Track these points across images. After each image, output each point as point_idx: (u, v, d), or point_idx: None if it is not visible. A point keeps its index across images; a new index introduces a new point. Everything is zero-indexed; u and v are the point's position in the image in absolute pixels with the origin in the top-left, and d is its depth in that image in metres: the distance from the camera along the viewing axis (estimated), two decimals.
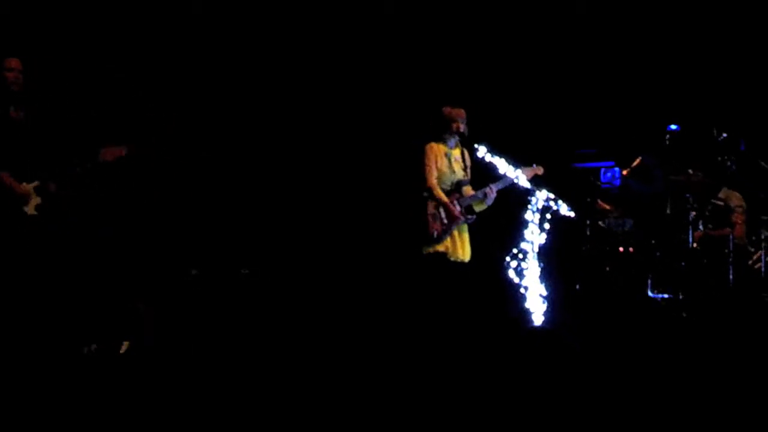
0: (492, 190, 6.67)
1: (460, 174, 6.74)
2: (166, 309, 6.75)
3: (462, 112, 6.76)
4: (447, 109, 6.77)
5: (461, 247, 6.64)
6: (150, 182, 7.26)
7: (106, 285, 6.77)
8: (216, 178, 7.73)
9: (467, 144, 6.83)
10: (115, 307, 6.59)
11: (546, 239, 7.18)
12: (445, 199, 6.61)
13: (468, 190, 6.76)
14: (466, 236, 6.70)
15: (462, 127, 6.71)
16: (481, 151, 6.85)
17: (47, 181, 5.56)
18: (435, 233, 6.55)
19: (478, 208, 6.72)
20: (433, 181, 6.65)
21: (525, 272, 7.09)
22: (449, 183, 6.70)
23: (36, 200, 5.50)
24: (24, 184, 5.51)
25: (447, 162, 6.75)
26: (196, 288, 7.12)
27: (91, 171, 5.70)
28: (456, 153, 6.81)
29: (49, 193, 5.56)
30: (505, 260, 7.17)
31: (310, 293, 7.44)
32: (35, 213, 5.50)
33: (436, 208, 6.60)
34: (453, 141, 6.77)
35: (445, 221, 6.57)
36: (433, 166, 6.66)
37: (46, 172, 5.55)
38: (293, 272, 7.72)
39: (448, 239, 6.59)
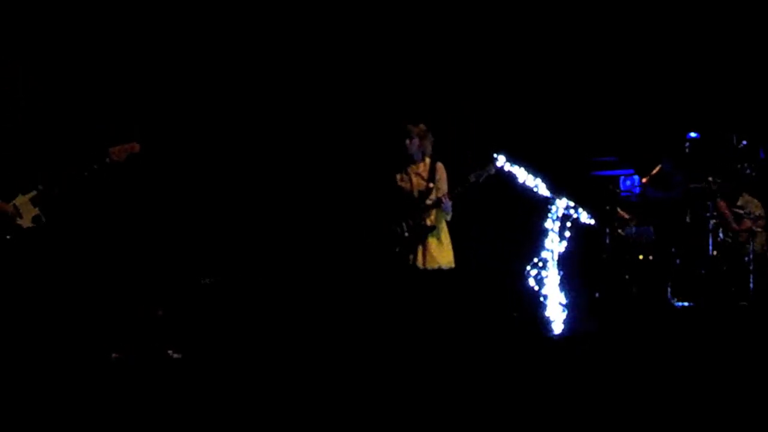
0: (446, 198, 6.62)
1: (422, 186, 6.70)
2: (182, 315, 6.81)
3: (413, 128, 6.74)
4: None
5: (425, 256, 6.52)
6: (157, 185, 7.28)
7: (120, 291, 6.82)
8: (203, 188, 7.73)
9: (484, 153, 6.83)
10: (132, 314, 6.65)
11: (566, 247, 7.22)
12: None
13: (428, 201, 6.67)
14: (435, 244, 6.57)
15: (414, 142, 6.69)
16: (500, 161, 6.86)
17: (45, 190, 5.32)
18: (397, 248, 6.58)
19: (447, 218, 6.68)
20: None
21: (545, 280, 7.13)
22: (410, 197, 6.69)
23: (33, 211, 5.28)
24: (19, 196, 5.27)
25: (408, 179, 6.74)
26: (201, 296, 7.15)
27: (100, 173, 5.51)
28: (420, 167, 6.76)
29: (50, 198, 5.32)
30: (525, 269, 7.21)
31: (302, 303, 7.43)
32: (32, 225, 5.26)
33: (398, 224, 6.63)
34: (418, 155, 6.72)
35: (406, 234, 6.58)
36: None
37: (45, 178, 5.32)
38: (284, 282, 7.71)
39: (419, 250, 6.58)
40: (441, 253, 6.60)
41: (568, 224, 7.23)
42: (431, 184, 6.66)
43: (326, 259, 7.93)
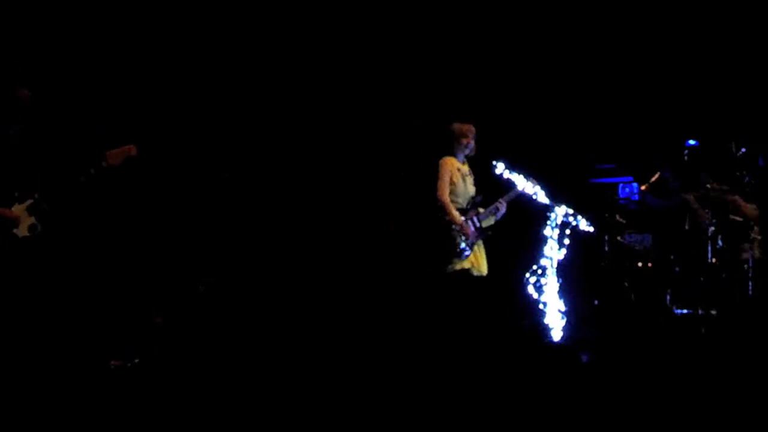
0: (502, 204, 6.70)
1: (472, 190, 6.76)
2: (180, 319, 6.80)
3: (471, 128, 6.79)
4: (457, 125, 6.82)
5: (482, 262, 6.69)
6: (155, 189, 7.27)
7: (118, 297, 6.80)
8: (239, 189, 7.73)
9: (482, 160, 6.89)
10: (129, 319, 6.63)
11: (565, 255, 7.21)
12: (456, 215, 6.64)
13: (480, 206, 6.82)
14: (483, 251, 6.77)
15: (471, 143, 6.75)
16: (500, 168, 6.89)
17: (41, 198, 5.31)
18: (458, 245, 6.60)
19: (486, 223, 6.75)
20: (446, 196, 6.66)
21: (544, 288, 7.12)
22: (465, 199, 6.72)
23: (29, 220, 5.25)
24: (16, 205, 5.25)
25: (461, 178, 6.78)
26: (210, 298, 7.13)
27: (96, 177, 5.50)
28: (466, 169, 6.83)
29: (44, 209, 5.30)
30: (524, 276, 7.20)
31: (334, 309, 7.44)
32: (28, 234, 5.24)
33: (462, 223, 6.63)
34: (462, 157, 6.80)
35: (471, 236, 6.61)
36: (447, 180, 6.68)
37: (40, 187, 5.31)
38: (313, 286, 7.71)
39: (472, 254, 6.64)
40: (484, 259, 6.72)
41: (567, 231, 7.23)
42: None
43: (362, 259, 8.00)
